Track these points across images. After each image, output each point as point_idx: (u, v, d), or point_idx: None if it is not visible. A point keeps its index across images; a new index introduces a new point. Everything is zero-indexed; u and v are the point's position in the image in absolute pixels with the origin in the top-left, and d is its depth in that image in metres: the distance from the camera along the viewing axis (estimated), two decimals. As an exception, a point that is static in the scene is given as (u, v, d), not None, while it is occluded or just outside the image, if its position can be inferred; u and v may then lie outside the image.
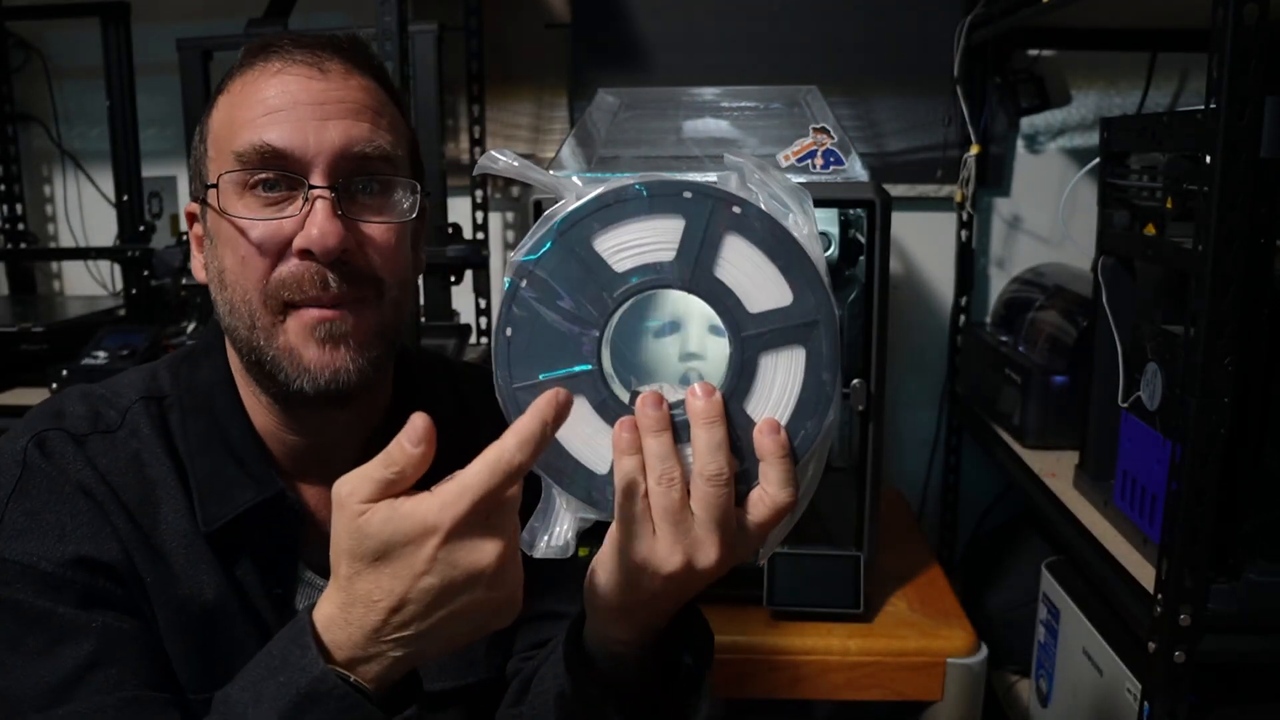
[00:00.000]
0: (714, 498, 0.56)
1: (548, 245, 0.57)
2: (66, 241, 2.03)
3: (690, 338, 1.37)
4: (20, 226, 1.98)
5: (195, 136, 0.75)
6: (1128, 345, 1.19)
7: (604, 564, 0.62)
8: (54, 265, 2.07)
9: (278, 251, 0.69)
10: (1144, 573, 1.08)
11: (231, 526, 0.72)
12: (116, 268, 1.93)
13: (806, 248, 0.56)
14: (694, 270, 0.56)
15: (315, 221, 0.68)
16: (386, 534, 0.52)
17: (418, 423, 0.52)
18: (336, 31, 0.77)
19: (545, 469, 0.59)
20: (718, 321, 0.57)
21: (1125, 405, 1.19)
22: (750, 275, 0.56)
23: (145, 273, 1.73)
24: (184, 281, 1.65)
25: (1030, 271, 1.79)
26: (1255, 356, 0.98)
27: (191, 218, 0.77)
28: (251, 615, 0.73)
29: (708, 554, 0.57)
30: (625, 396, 0.58)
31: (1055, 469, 1.41)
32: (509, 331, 0.58)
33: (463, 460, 0.55)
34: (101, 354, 1.51)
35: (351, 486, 0.53)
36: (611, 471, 0.58)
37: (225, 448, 0.74)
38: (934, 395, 1.92)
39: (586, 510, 0.59)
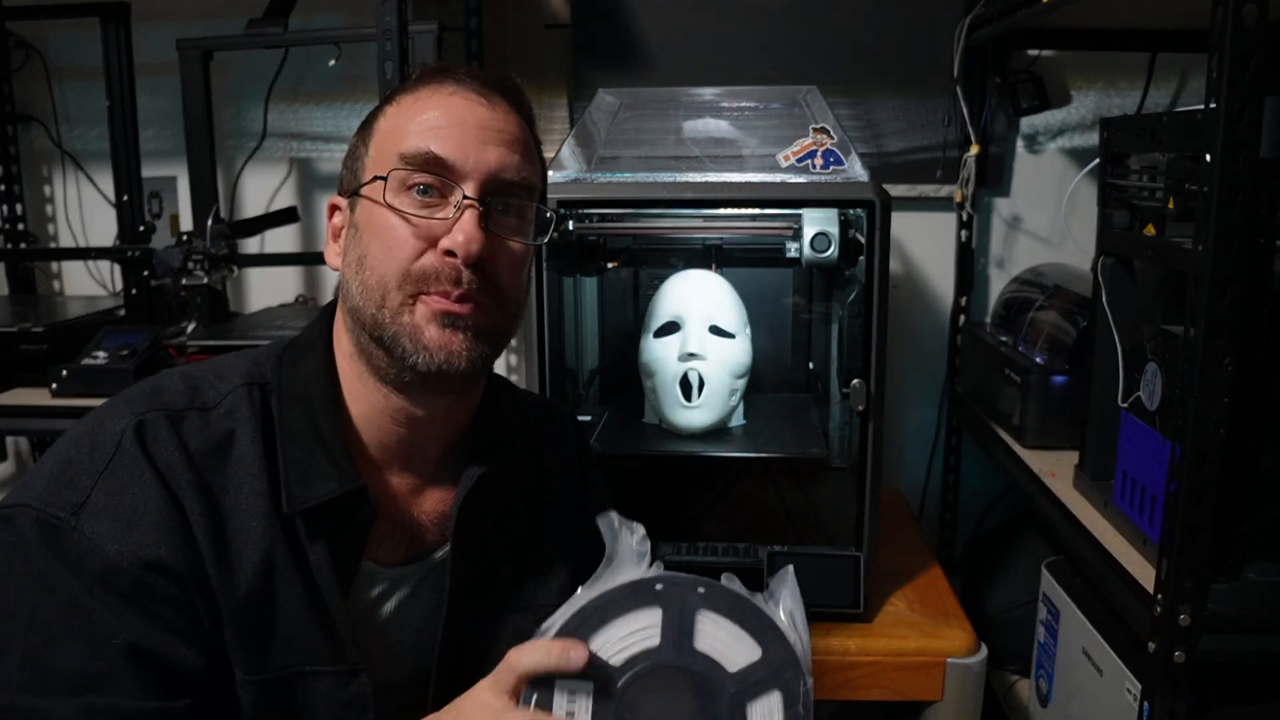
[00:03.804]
0: None
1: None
2: (66, 241, 2.03)
3: (690, 338, 1.38)
4: (20, 226, 1.99)
5: (355, 139, 0.84)
6: (1127, 345, 1.20)
7: None
8: (54, 265, 2.07)
9: (424, 246, 0.77)
10: (1144, 573, 1.08)
11: (310, 513, 0.77)
12: (116, 268, 1.93)
13: (767, 610, 0.70)
14: (678, 649, 0.69)
15: (463, 227, 0.76)
16: None
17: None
18: (495, 71, 0.87)
19: None
20: (718, 322, 0.62)
21: (1125, 405, 1.19)
22: (725, 642, 0.69)
23: (145, 273, 1.73)
24: (184, 281, 1.66)
25: (1030, 271, 1.79)
26: (1255, 356, 0.98)
27: (334, 209, 0.86)
28: (315, 599, 0.78)
29: None
30: None
31: (1055, 469, 1.41)
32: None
33: (531, 487, 0.83)
34: (101, 354, 1.51)
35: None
36: None
37: (317, 438, 0.79)
38: (934, 395, 1.92)
39: None
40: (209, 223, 1.69)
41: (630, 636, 0.69)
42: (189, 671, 0.73)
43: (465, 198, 0.77)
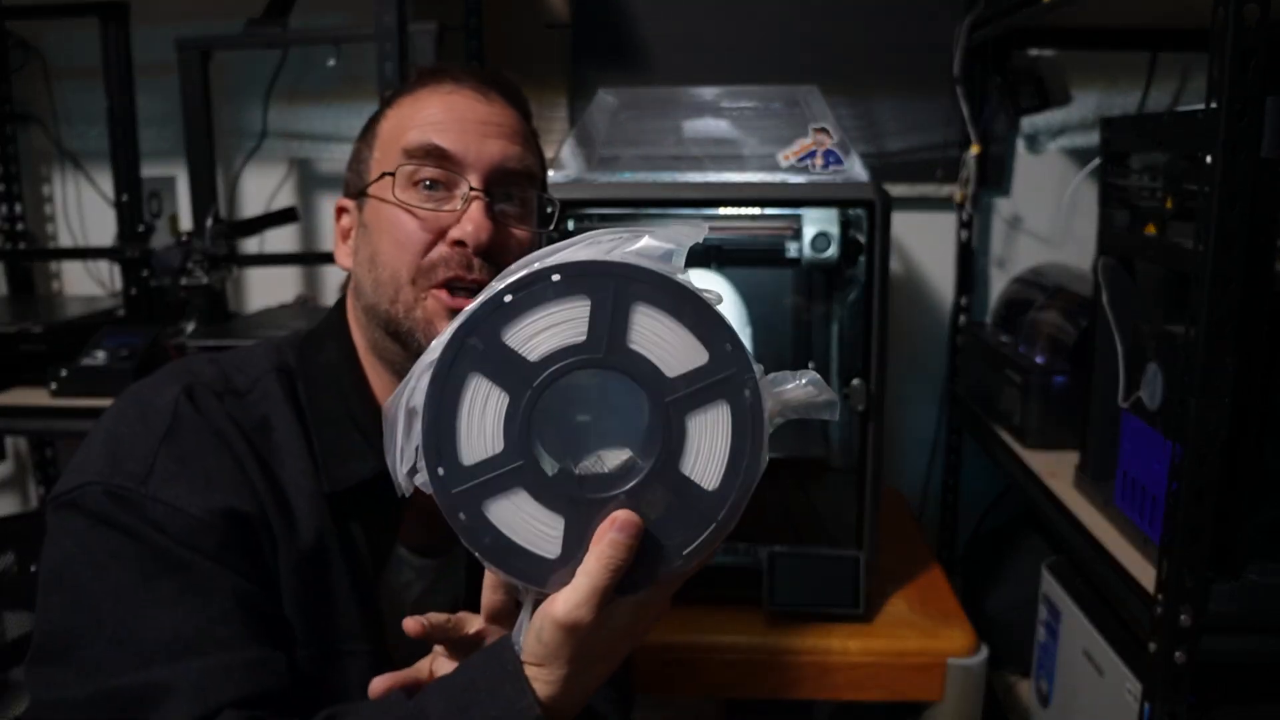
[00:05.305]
0: None
1: (453, 352, 0.57)
2: (65, 241, 2.03)
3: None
4: (19, 226, 1.98)
5: (358, 143, 0.87)
6: (1128, 345, 1.19)
7: None
8: (53, 265, 2.07)
9: (433, 238, 0.79)
10: (1144, 573, 1.08)
11: (349, 492, 0.79)
12: (115, 268, 1.93)
13: (713, 304, 0.58)
14: (608, 346, 0.57)
15: (471, 217, 0.78)
16: (619, 627, 0.60)
17: (624, 517, 0.56)
18: (486, 67, 0.89)
19: (495, 562, 0.59)
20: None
21: (1126, 405, 1.19)
22: (665, 340, 0.57)
23: (144, 273, 1.73)
24: (183, 281, 1.65)
25: (1030, 271, 1.78)
26: (1255, 356, 0.98)
27: (341, 211, 0.88)
28: (356, 579, 0.79)
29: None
30: (561, 475, 0.58)
31: (1055, 469, 1.41)
32: (434, 414, 0.58)
33: None
34: (101, 354, 1.51)
35: (588, 608, 0.57)
36: (563, 556, 0.58)
37: (350, 419, 0.81)
38: (934, 395, 1.92)
39: (540, 595, 0.60)
40: (208, 223, 1.69)
41: (550, 329, 0.57)
42: (281, 625, 0.74)
43: (471, 189, 0.79)
